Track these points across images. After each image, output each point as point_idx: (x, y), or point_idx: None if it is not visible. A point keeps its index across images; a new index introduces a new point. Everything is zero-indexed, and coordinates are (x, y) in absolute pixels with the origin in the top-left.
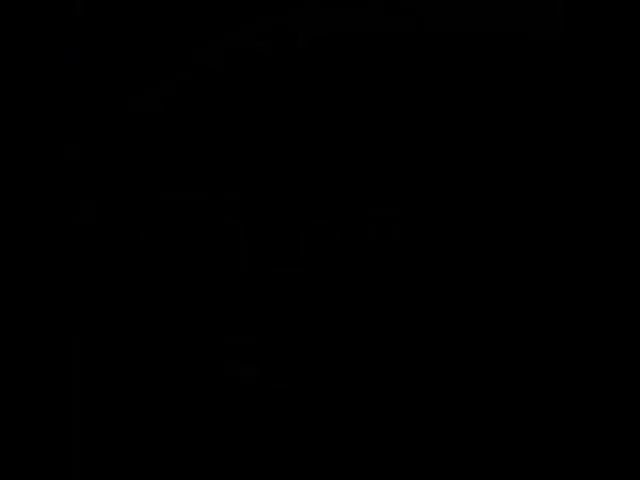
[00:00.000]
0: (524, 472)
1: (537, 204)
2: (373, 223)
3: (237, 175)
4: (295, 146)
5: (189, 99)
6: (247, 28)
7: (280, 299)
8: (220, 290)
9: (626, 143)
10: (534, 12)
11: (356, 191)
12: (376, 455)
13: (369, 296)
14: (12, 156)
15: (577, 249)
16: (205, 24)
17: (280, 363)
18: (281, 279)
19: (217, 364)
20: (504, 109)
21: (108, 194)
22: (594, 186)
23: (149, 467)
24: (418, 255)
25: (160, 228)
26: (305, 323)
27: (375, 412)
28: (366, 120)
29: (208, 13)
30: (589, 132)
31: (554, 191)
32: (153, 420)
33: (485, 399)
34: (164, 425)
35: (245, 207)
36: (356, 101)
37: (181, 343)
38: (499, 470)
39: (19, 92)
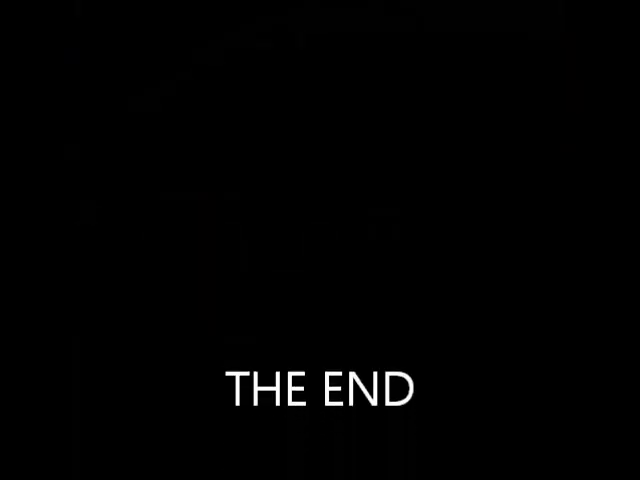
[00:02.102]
0: (524, 470)
1: (537, 203)
2: (373, 223)
3: (237, 175)
4: (295, 146)
5: (189, 99)
6: (247, 28)
7: (280, 299)
8: (220, 290)
9: (625, 143)
10: (534, 12)
11: (356, 191)
12: (375, 454)
13: (369, 296)
14: (12, 156)
15: (576, 248)
16: (205, 24)
17: (280, 363)
18: (281, 279)
19: (217, 364)
20: (504, 109)
21: (108, 194)
22: (594, 185)
23: (149, 467)
24: (418, 255)
25: (160, 228)
26: (305, 323)
27: (374, 409)
28: (366, 120)
29: (208, 13)
30: (589, 132)
31: (554, 190)
32: (153, 420)
33: (484, 397)
34: (164, 425)
35: (245, 207)
36: (356, 101)
37: (181, 343)
38: (499, 469)
39: (19, 92)
